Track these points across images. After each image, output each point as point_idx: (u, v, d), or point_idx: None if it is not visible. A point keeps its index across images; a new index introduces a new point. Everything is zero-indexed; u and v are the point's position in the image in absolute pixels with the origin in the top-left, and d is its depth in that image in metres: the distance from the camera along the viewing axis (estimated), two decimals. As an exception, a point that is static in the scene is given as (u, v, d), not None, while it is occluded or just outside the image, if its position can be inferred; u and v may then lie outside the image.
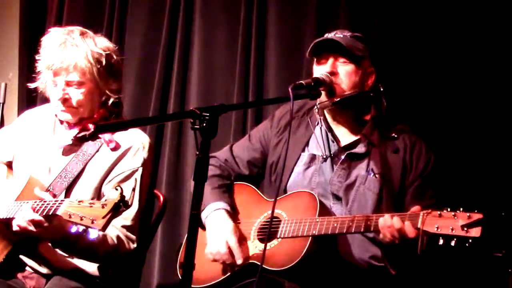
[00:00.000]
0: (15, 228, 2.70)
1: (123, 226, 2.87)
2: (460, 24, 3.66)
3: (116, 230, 2.85)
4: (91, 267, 2.91)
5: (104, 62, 2.92)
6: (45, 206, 2.64)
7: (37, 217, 2.62)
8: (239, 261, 2.84)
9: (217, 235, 2.90)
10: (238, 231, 2.91)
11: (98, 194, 2.91)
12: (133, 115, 4.19)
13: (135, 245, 2.90)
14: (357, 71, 2.92)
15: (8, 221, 2.77)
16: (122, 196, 2.48)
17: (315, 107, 2.99)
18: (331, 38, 2.92)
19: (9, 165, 3.11)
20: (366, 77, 2.95)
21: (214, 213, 2.95)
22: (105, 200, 2.54)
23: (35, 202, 2.69)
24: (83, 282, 2.88)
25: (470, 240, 2.45)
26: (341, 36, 2.94)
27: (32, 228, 2.64)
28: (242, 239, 2.90)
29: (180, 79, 4.24)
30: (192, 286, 2.24)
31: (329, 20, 3.92)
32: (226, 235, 2.88)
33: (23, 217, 2.66)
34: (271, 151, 3.08)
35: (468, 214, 2.47)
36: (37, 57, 2.98)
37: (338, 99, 2.88)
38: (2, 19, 4.74)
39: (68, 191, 2.89)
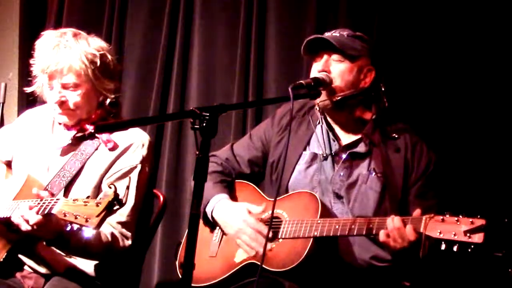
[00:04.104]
0: (15, 221, 2.69)
1: (118, 223, 2.88)
2: (460, 23, 3.66)
3: (110, 227, 2.85)
4: (90, 268, 2.92)
5: (98, 63, 2.91)
6: (41, 205, 2.64)
7: (34, 216, 2.62)
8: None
9: (233, 220, 2.88)
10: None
11: (97, 192, 2.91)
12: (133, 115, 4.19)
13: (130, 242, 2.90)
14: (351, 69, 2.91)
15: (6, 220, 2.77)
16: (116, 195, 2.48)
17: (316, 106, 2.99)
18: (322, 37, 2.92)
19: (9, 164, 3.11)
20: (363, 75, 2.93)
21: (219, 203, 2.94)
22: (100, 198, 2.54)
23: (32, 201, 2.69)
24: (82, 283, 2.88)
25: (472, 246, 2.45)
26: (338, 35, 2.94)
27: (28, 226, 2.64)
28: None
29: (180, 79, 4.24)
30: (192, 285, 2.24)
31: (329, 20, 3.92)
32: (243, 217, 2.87)
33: (20, 215, 2.66)
34: (272, 150, 3.08)
35: (471, 220, 2.47)
36: (31, 61, 2.98)
37: (339, 97, 2.88)
38: (2, 20, 4.73)
39: (67, 190, 2.90)
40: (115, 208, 2.51)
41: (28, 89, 3.06)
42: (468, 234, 2.45)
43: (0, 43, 4.71)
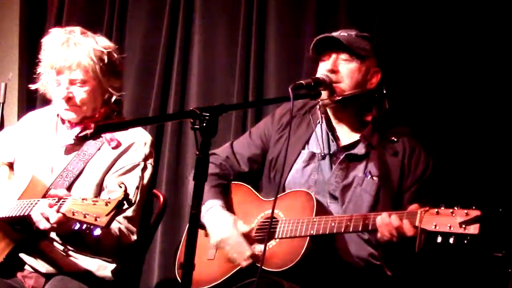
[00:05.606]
0: (35, 218, 2.68)
1: (125, 217, 2.90)
2: (461, 23, 3.66)
3: (117, 222, 2.86)
4: (91, 267, 2.92)
5: (106, 60, 2.97)
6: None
7: (55, 214, 2.61)
8: (247, 252, 2.81)
9: (219, 231, 2.88)
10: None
11: (99, 190, 2.94)
12: (133, 114, 4.19)
13: (135, 237, 2.93)
14: (360, 69, 2.91)
15: (10, 220, 2.78)
16: (126, 194, 2.49)
17: (317, 105, 2.99)
18: (332, 36, 2.92)
19: (11, 165, 3.12)
20: (369, 76, 2.93)
21: (211, 210, 2.94)
22: (109, 197, 2.55)
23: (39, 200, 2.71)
24: (84, 282, 2.88)
25: (469, 237, 2.44)
26: (346, 34, 2.93)
27: (47, 224, 2.64)
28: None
29: (180, 79, 4.24)
30: (192, 288, 2.24)
31: (329, 20, 3.92)
32: (229, 230, 2.86)
33: (40, 213, 2.66)
34: (271, 148, 3.08)
35: (465, 211, 2.46)
36: (39, 57, 3.00)
37: (341, 97, 2.88)
38: (2, 19, 4.73)
39: (69, 190, 2.90)
40: (124, 207, 2.51)
41: (33, 86, 3.09)
42: (463, 226, 2.44)
43: (0, 43, 4.72)
